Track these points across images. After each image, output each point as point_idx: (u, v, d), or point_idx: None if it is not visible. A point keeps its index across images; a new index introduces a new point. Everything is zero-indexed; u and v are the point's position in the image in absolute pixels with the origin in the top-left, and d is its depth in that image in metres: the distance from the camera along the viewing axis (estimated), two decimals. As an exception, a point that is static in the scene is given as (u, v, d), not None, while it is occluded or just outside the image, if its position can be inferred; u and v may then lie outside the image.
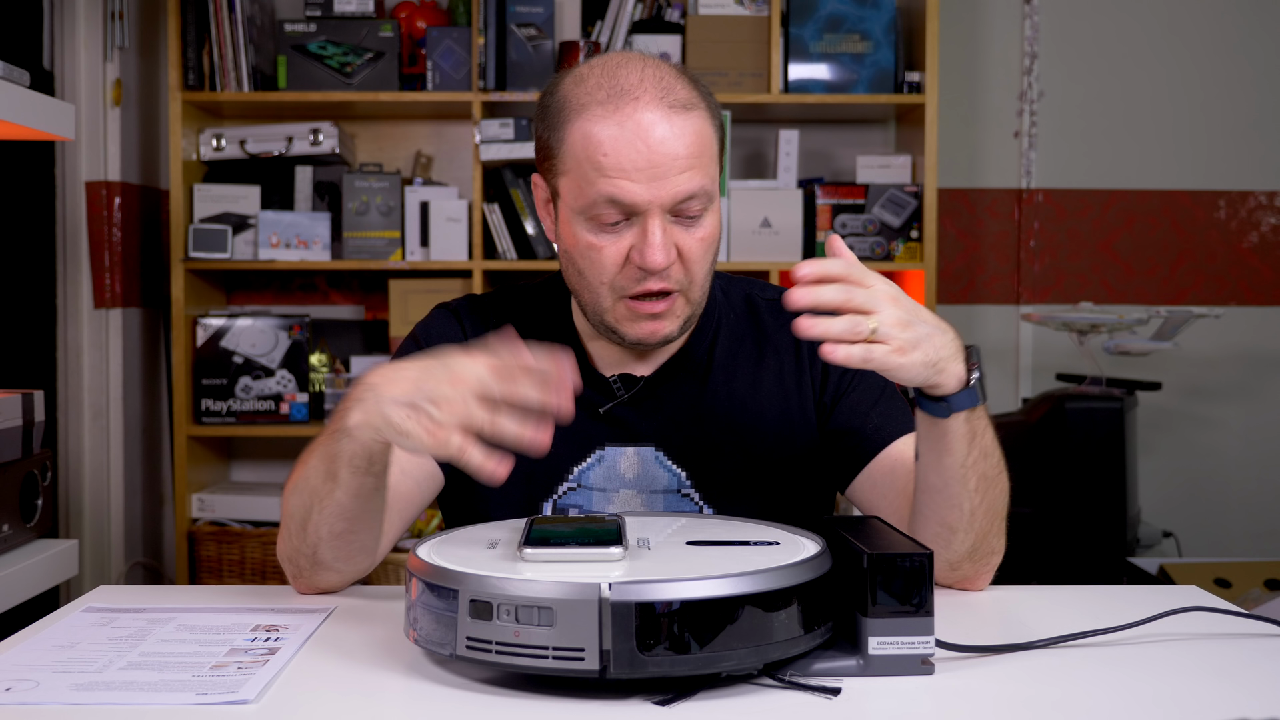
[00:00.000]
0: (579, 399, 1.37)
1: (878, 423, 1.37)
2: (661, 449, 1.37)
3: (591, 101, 1.25)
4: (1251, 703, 0.94)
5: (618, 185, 1.23)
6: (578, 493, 1.36)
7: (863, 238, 3.14)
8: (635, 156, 1.22)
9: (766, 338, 1.42)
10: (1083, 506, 2.88)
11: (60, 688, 0.97)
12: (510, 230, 3.14)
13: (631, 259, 1.26)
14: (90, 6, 2.99)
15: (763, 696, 0.95)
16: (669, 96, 1.24)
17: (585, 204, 1.26)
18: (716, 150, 1.30)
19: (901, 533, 1.07)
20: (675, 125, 1.24)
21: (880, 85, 3.12)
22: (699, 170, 1.25)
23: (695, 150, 1.25)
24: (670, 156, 1.23)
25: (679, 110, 1.24)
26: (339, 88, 3.11)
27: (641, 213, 1.24)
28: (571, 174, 1.27)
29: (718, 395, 1.39)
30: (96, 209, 3.05)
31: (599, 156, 1.23)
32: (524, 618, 0.92)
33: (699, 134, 1.25)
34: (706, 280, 1.32)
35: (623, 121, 1.23)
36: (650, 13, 3.18)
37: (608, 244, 1.26)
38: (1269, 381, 3.52)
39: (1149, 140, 3.49)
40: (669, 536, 1.10)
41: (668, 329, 1.31)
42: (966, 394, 1.16)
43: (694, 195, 1.25)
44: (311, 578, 1.25)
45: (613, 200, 1.24)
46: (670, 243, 1.26)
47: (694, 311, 1.32)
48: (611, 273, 1.27)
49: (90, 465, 3.03)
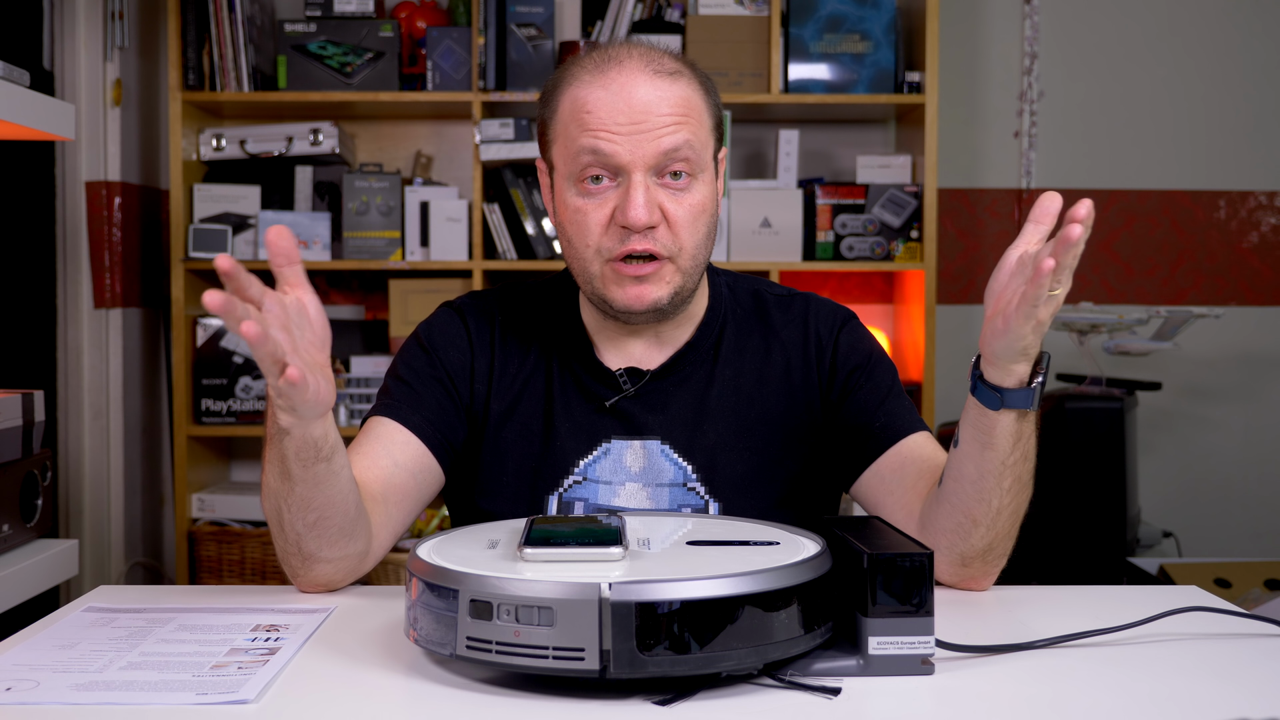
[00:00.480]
0: (585, 393, 1.38)
1: (885, 420, 1.37)
2: (667, 442, 1.37)
3: (581, 71, 1.31)
4: (1251, 703, 0.94)
5: (599, 138, 1.26)
6: (583, 486, 1.36)
7: (863, 238, 3.14)
8: (616, 114, 1.26)
9: (774, 333, 1.43)
10: (1083, 506, 2.88)
11: (60, 688, 0.97)
12: (510, 230, 3.14)
13: (615, 219, 1.28)
14: (90, 6, 2.99)
15: (763, 696, 0.95)
16: (654, 64, 1.29)
17: (571, 164, 1.29)
18: (708, 120, 1.32)
19: (902, 533, 1.07)
20: (659, 87, 1.28)
21: (880, 85, 3.12)
22: (684, 129, 1.28)
23: (680, 110, 1.28)
24: (653, 114, 1.26)
25: (663, 75, 1.29)
26: (339, 88, 3.11)
27: (625, 171, 1.27)
28: (560, 139, 1.31)
29: (724, 389, 1.39)
30: (96, 209, 3.05)
31: (584, 114, 1.28)
32: (524, 618, 0.92)
33: (684, 98, 1.29)
34: (699, 249, 1.32)
35: (608, 84, 1.28)
36: (650, 13, 3.19)
37: (593, 206, 1.29)
38: (1269, 381, 3.52)
39: (1149, 140, 3.49)
40: (669, 536, 1.10)
41: (655, 294, 1.31)
42: (1023, 394, 1.16)
43: (677, 150, 1.27)
44: (308, 573, 1.25)
45: (595, 152, 1.27)
46: (654, 203, 1.27)
47: (685, 282, 1.33)
48: (597, 235, 1.29)
49: (90, 465, 3.03)
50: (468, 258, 3.13)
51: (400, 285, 3.17)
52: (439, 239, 3.12)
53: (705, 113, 1.32)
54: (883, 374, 1.41)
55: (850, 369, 1.41)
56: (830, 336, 1.42)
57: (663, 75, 1.28)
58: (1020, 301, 1.09)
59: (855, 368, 1.41)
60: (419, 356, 1.41)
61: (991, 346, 1.14)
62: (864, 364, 1.41)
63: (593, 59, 1.31)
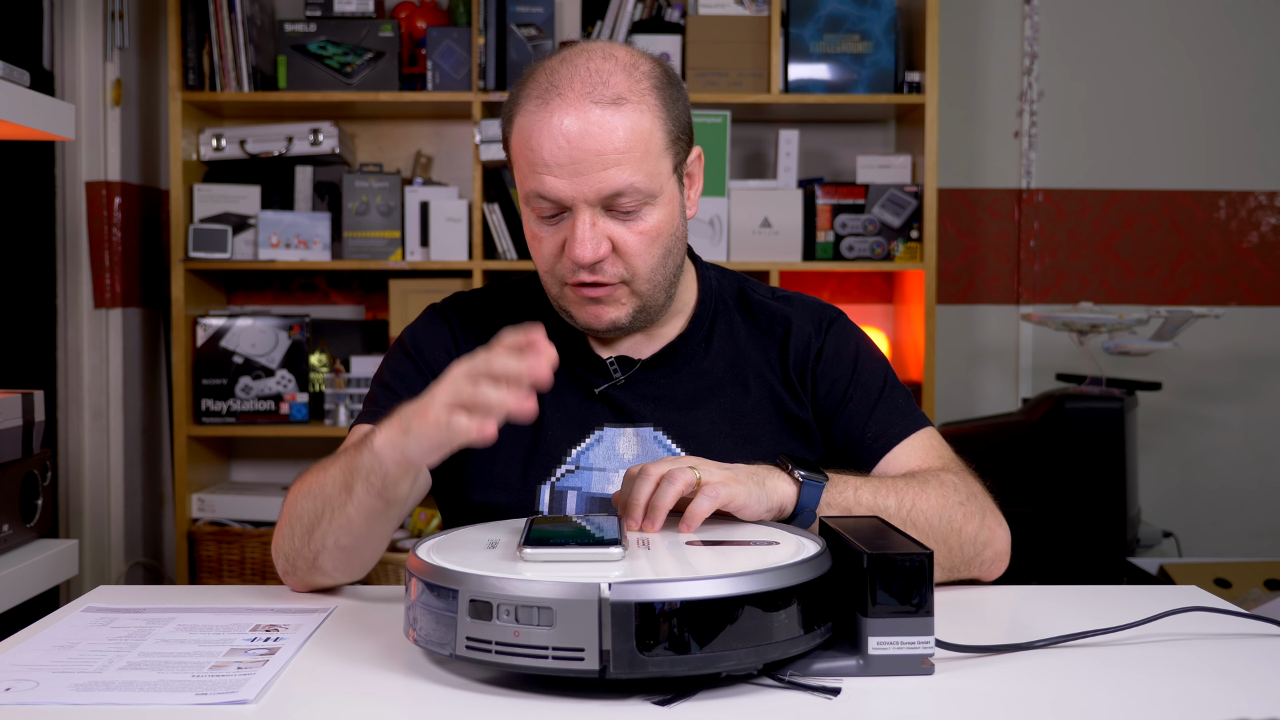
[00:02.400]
0: (576, 381, 1.38)
1: (876, 431, 1.37)
2: (661, 429, 1.36)
3: (528, 97, 1.27)
4: (1251, 703, 0.94)
5: (542, 180, 1.25)
6: (576, 474, 1.35)
7: (863, 238, 3.14)
8: (556, 152, 1.24)
9: (764, 329, 1.42)
10: (1083, 506, 2.88)
11: (60, 688, 0.97)
12: (510, 230, 3.14)
13: (565, 250, 1.28)
14: (90, 6, 2.99)
15: (763, 696, 0.95)
16: (597, 92, 1.24)
17: (524, 195, 1.29)
18: (661, 140, 1.27)
19: (902, 532, 1.07)
20: (599, 121, 1.23)
21: (880, 85, 3.12)
22: (628, 166, 1.24)
23: (624, 146, 1.24)
24: (591, 152, 1.23)
25: (606, 105, 1.24)
26: (339, 88, 3.11)
27: (570, 207, 1.26)
28: (516, 166, 1.31)
29: (717, 378, 1.39)
30: (96, 209, 3.05)
31: (528, 151, 1.26)
32: (524, 618, 0.92)
33: (630, 130, 1.24)
34: (656, 272, 1.31)
35: (548, 118, 1.24)
36: (650, 13, 3.18)
37: (546, 235, 1.29)
38: (1269, 381, 3.52)
39: (1149, 140, 3.49)
40: (669, 536, 1.10)
41: (612, 315, 1.31)
42: (808, 489, 1.19)
43: (621, 192, 1.25)
44: (306, 578, 1.27)
45: (540, 195, 1.26)
46: (601, 236, 1.26)
47: (646, 302, 1.32)
48: (551, 262, 1.30)
49: (90, 465, 3.03)
50: (468, 258, 3.13)
51: (400, 285, 3.17)
52: (439, 239, 3.12)
53: (657, 134, 1.26)
54: (871, 375, 1.40)
55: (836, 376, 1.39)
56: (818, 338, 1.41)
57: (604, 105, 1.23)
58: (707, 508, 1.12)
59: (842, 375, 1.39)
60: (404, 362, 1.41)
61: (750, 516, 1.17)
62: (851, 371, 1.40)
63: (539, 82, 1.26)
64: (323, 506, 1.20)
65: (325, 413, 3.16)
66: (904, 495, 1.25)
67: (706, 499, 1.11)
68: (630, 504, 1.12)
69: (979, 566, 1.29)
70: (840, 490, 1.22)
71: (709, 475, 1.13)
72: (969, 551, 1.28)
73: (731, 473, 1.16)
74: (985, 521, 1.28)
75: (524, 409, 1.03)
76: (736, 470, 1.17)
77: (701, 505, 1.11)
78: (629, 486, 1.15)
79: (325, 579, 1.26)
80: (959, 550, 1.27)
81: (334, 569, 1.24)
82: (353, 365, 3.18)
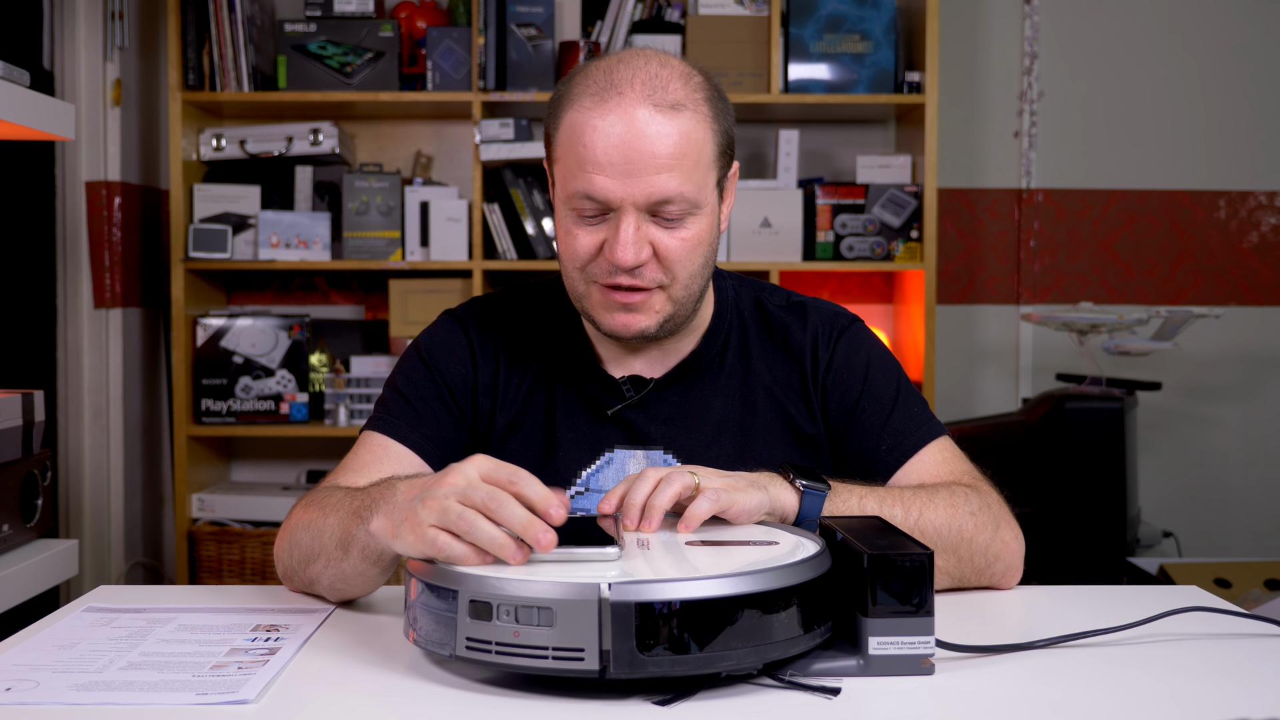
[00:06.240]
0: (588, 402, 1.37)
1: (890, 443, 1.35)
2: (670, 452, 1.36)
3: (584, 93, 1.25)
4: (1251, 703, 0.94)
5: (592, 180, 1.23)
6: (586, 496, 1.35)
7: (863, 238, 3.14)
8: (611, 151, 1.22)
9: (776, 344, 1.41)
10: (1083, 506, 2.88)
11: (60, 688, 0.97)
12: (510, 230, 3.14)
13: (604, 251, 1.26)
14: (90, 6, 2.99)
15: (763, 696, 0.95)
16: (657, 95, 1.23)
17: (568, 193, 1.26)
18: (712, 150, 1.26)
19: (902, 533, 1.07)
20: (658, 124, 1.22)
21: (880, 85, 3.12)
22: (679, 173, 1.23)
23: (677, 152, 1.22)
24: (646, 155, 1.21)
25: (664, 110, 1.22)
26: (339, 88, 3.11)
27: (616, 208, 1.24)
28: (561, 161, 1.27)
29: (729, 399, 1.38)
30: (96, 209, 3.05)
31: (579, 148, 1.24)
32: (524, 618, 0.92)
33: (685, 136, 1.23)
34: (694, 280, 1.29)
35: (605, 115, 1.22)
36: (650, 13, 3.18)
37: (584, 233, 1.26)
38: (1269, 381, 3.52)
39: (1149, 140, 3.49)
40: (668, 537, 1.10)
41: (643, 323, 1.29)
42: (809, 498, 1.18)
43: (670, 199, 1.23)
44: (301, 589, 1.28)
45: (587, 195, 1.24)
46: (643, 241, 1.24)
47: (677, 310, 1.30)
48: (585, 259, 1.28)
49: (90, 465, 3.03)
50: (468, 258, 3.13)
51: (400, 285, 3.17)
52: (439, 239, 3.12)
53: (709, 144, 1.26)
54: (883, 385, 1.38)
55: (847, 387, 1.38)
56: (828, 349, 1.39)
57: (663, 109, 1.22)
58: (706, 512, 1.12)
59: (853, 386, 1.38)
60: (419, 369, 1.39)
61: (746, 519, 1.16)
62: (862, 382, 1.38)
63: (596, 80, 1.24)
64: (319, 551, 1.19)
65: (325, 413, 3.16)
66: (910, 505, 1.23)
67: (706, 500, 1.11)
68: (628, 504, 1.12)
69: (991, 577, 1.28)
70: (844, 499, 1.21)
71: (708, 481, 1.13)
72: (980, 562, 1.26)
73: (731, 479, 1.15)
74: (999, 533, 1.26)
75: (514, 561, 0.98)
76: (737, 478, 1.16)
77: (701, 506, 1.11)
78: (625, 488, 1.15)
79: (320, 594, 1.26)
80: (969, 561, 1.25)
81: (329, 595, 1.24)
82: (353, 365, 3.18)
